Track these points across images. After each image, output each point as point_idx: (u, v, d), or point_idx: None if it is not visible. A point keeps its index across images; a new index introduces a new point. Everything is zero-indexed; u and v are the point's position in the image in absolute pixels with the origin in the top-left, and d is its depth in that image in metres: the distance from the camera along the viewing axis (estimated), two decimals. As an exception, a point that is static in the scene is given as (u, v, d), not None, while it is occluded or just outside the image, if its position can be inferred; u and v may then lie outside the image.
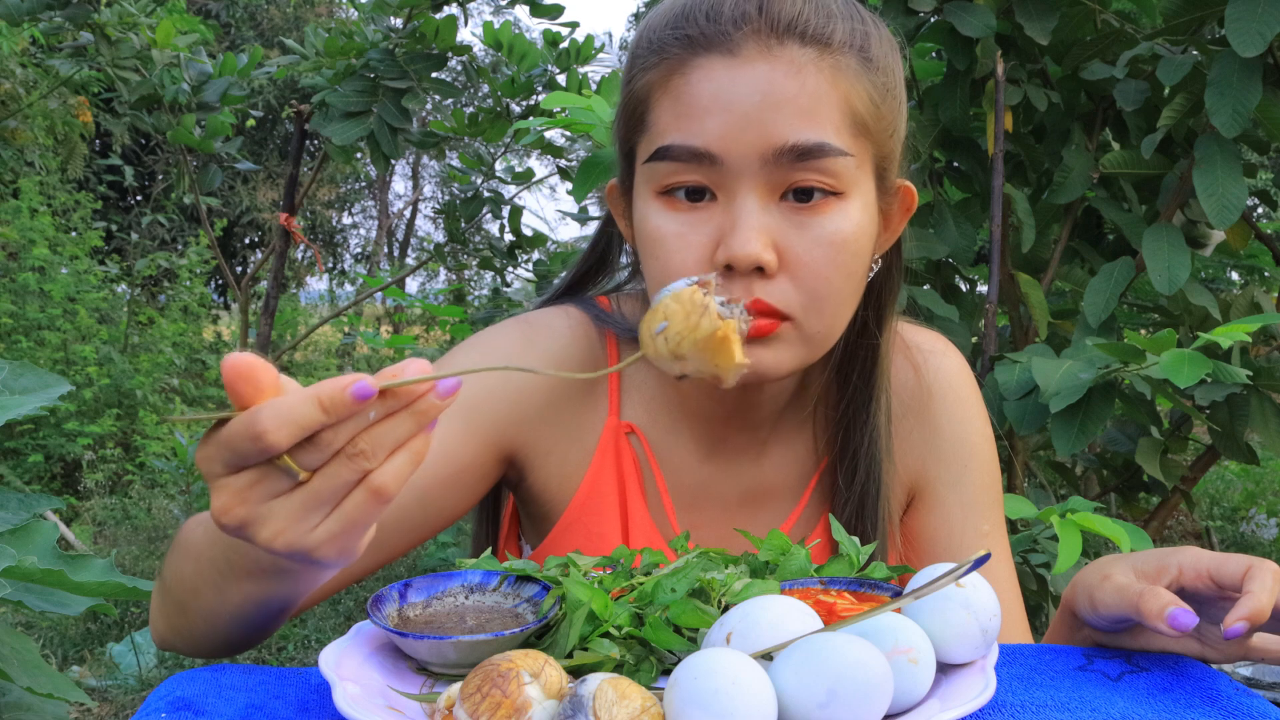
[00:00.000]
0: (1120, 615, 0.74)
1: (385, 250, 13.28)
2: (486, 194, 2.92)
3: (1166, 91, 1.78)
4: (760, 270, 0.77)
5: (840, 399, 0.95)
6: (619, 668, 0.65)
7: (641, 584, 0.72)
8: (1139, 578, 0.75)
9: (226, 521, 0.54)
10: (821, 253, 0.78)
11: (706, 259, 0.79)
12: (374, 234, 13.75)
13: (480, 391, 0.90)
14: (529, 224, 3.02)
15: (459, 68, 2.77)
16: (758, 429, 0.95)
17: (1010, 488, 1.90)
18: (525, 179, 3.04)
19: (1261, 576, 0.70)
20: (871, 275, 0.88)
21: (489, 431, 0.91)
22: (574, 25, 2.58)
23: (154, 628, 0.83)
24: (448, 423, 0.88)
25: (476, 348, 0.95)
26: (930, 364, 0.98)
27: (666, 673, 0.65)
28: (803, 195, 0.78)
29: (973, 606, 0.66)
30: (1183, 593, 0.73)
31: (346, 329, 7.55)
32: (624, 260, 1.03)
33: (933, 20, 1.83)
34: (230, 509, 0.54)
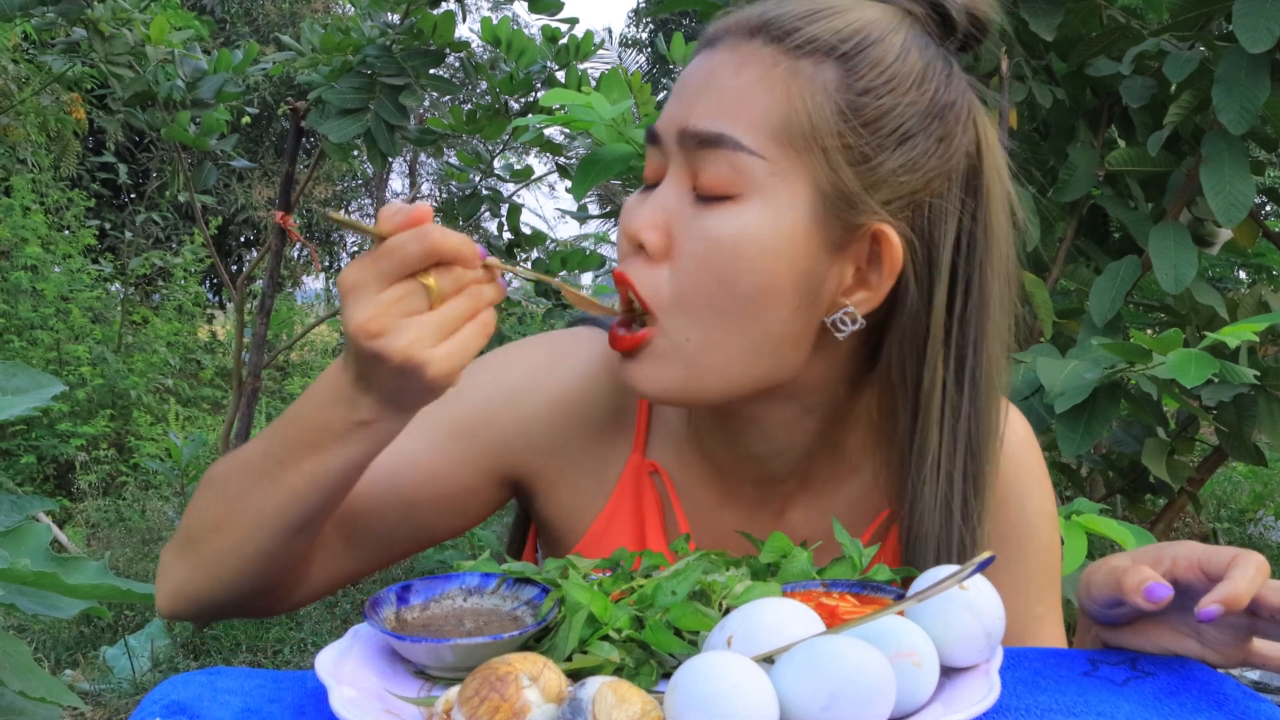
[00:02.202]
0: (1108, 596, 0.74)
1: (383, 250, 13.26)
2: (485, 192, 2.91)
3: (1173, 88, 1.77)
4: (646, 252, 0.77)
5: (901, 463, 0.86)
6: (619, 671, 0.64)
7: (641, 586, 0.71)
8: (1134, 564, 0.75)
9: (369, 328, 0.65)
10: (698, 249, 0.75)
11: None
12: (371, 233, 13.73)
13: (481, 415, 0.89)
14: (528, 222, 3.01)
15: (457, 64, 2.76)
16: (778, 482, 0.89)
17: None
18: (524, 177, 3.04)
19: (1244, 565, 0.70)
20: (845, 331, 0.78)
21: (486, 456, 0.89)
22: (573, 21, 2.57)
23: (164, 583, 0.82)
24: (443, 442, 0.88)
25: (493, 366, 0.92)
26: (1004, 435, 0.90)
27: (667, 676, 0.64)
28: (703, 193, 0.76)
29: (977, 609, 0.65)
30: (1175, 583, 0.72)
31: (343, 329, 7.54)
32: None
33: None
34: (375, 318, 0.65)
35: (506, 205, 2.94)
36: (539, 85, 2.63)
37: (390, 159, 2.48)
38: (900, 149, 0.76)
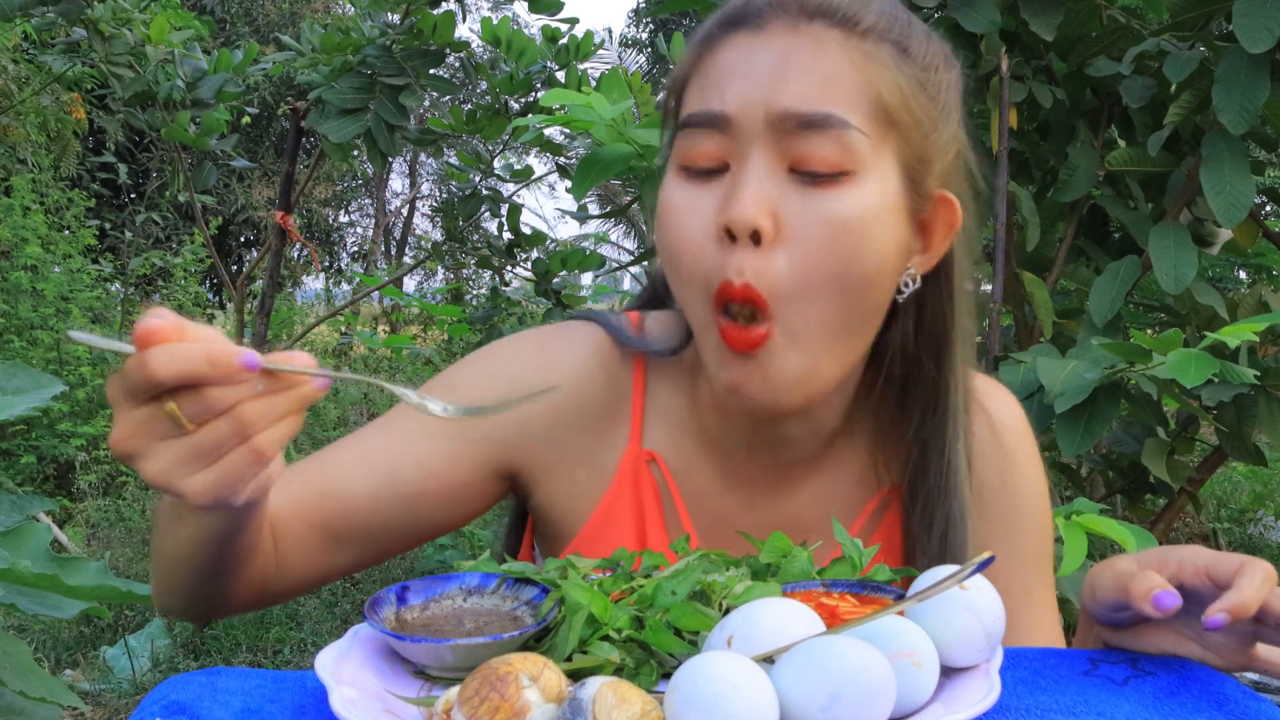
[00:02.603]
0: (1114, 600, 0.74)
1: (382, 249, 13.28)
2: (485, 192, 2.90)
3: (1173, 88, 1.77)
4: (757, 239, 0.74)
5: (901, 438, 0.89)
6: (619, 671, 0.64)
7: (642, 586, 0.71)
8: (1139, 568, 0.75)
9: (119, 450, 0.60)
10: (820, 228, 0.75)
11: (711, 224, 0.77)
12: (371, 232, 13.75)
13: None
14: (528, 222, 3.00)
15: (457, 64, 2.76)
16: (790, 465, 0.90)
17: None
18: (524, 177, 3.03)
19: (1251, 574, 0.70)
20: (906, 293, 0.82)
21: (484, 450, 0.90)
22: (573, 21, 2.57)
23: (151, 589, 0.86)
24: (442, 438, 0.88)
25: (487, 361, 0.93)
26: (998, 415, 0.93)
27: (667, 676, 0.64)
28: (811, 175, 0.75)
29: (977, 609, 0.65)
30: (1181, 589, 0.72)
31: (343, 329, 7.54)
32: None
33: (937, 16, 1.82)
34: (124, 439, 0.60)
35: (506, 205, 2.93)
36: (539, 85, 2.63)
37: (390, 159, 2.48)
38: (946, 119, 0.82)
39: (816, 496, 0.91)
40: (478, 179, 2.91)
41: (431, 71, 2.46)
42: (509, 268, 3.09)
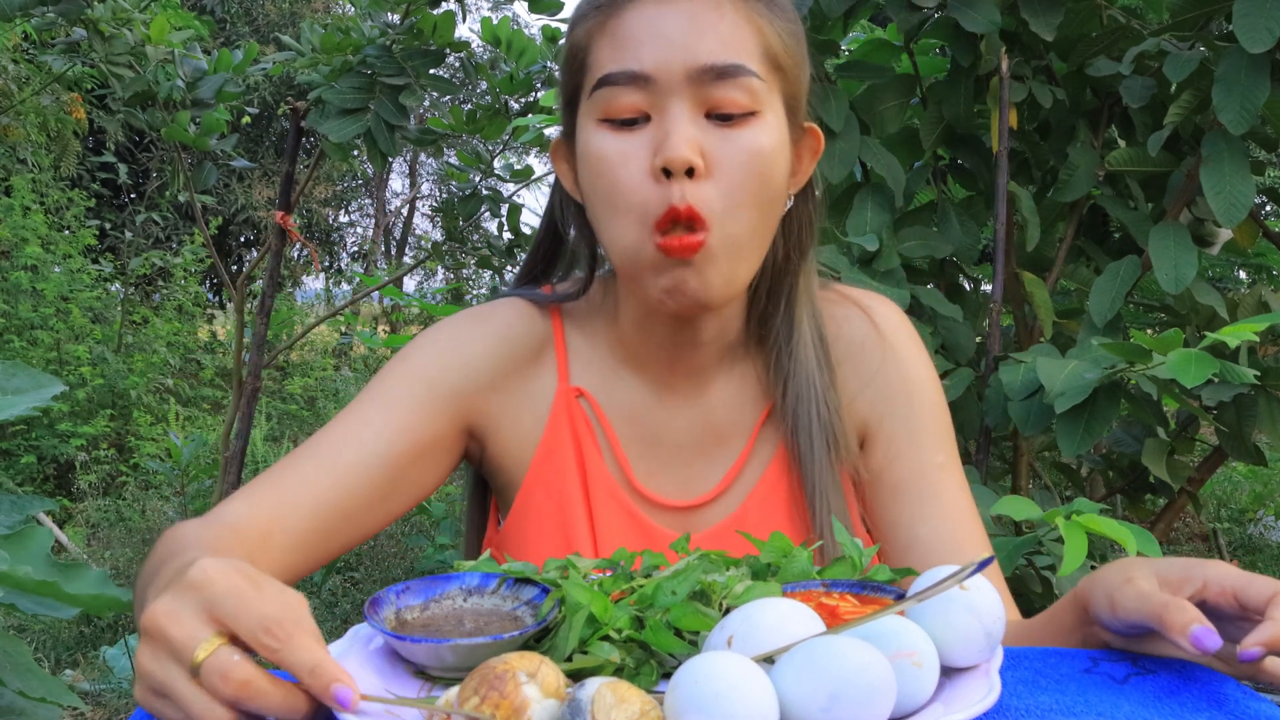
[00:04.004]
0: (1139, 622, 0.73)
1: (382, 249, 13.27)
2: (485, 192, 2.90)
3: (1173, 88, 1.76)
4: (690, 174, 0.86)
5: (772, 333, 1.03)
6: (619, 671, 0.64)
7: (641, 586, 0.71)
8: (1162, 586, 0.73)
9: (137, 695, 0.59)
10: (741, 160, 0.88)
11: (646, 168, 0.88)
12: (371, 232, 13.74)
13: (432, 369, 1.00)
14: (528, 222, 3.01)
15: (457, 64, 2.76)
16: (702, 371, 1.03)
17: (1015, 489, 1.89)
18: (524, 177, 3.03)
19: None
20: (783, 211, 0.96)
21: (448, 402, 1.00)
22: (573, 21, 2.56)
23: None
24: (408, 398, 0.97)
25: (429, 338, 1.03)
26: (876, 311, 1.07)
27: (667, 676, 0.65)
28: (725, 117, 0.88)
29: (977, 609, 0.65)
30: (1204, 606, 0.71)
31: (343, 329, 7.56)
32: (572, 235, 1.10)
33: (937, 16, 1.82)
34: (147, 676, 0.57)
35: (506, 205, 2.93)
36: (539, 85, 2.63)
37: (390, 159, 2.47)
38: (807, 60, 0.97)
39: (726, 402, 1.04)
40: (478, 179, 2.90)
41: (431, 71, 2.45)
42: (509, 268, 3.09)
